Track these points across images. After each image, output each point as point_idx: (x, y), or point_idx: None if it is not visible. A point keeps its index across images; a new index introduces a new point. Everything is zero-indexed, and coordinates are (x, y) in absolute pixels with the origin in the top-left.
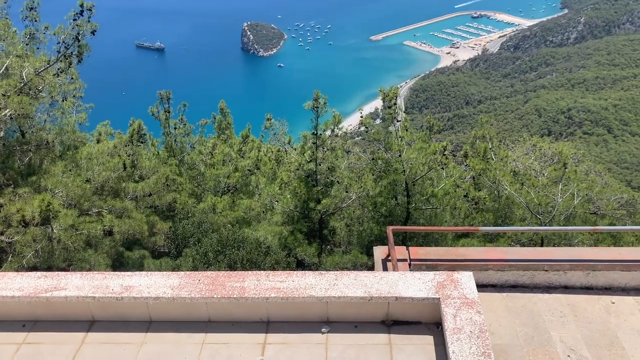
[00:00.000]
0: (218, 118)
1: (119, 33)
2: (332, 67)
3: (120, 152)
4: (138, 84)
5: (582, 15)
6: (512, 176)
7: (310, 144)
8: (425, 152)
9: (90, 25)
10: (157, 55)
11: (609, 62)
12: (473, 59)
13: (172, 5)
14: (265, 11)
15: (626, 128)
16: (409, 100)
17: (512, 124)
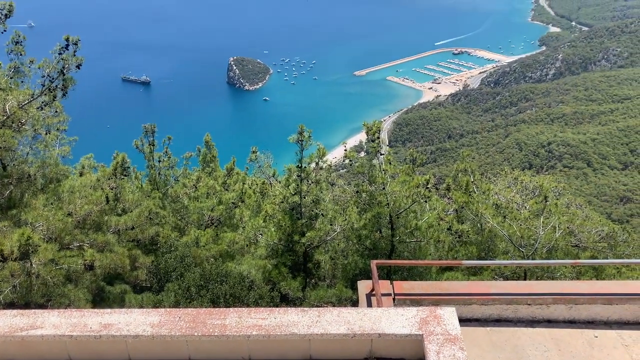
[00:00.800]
0: (203, 151)
1: (105, 66)
2: (317, 101)
3: (103, 185)
4: (123, 117)
5: (560, 52)
6: (495, 209)
7: (294, 177)
8: (408, 185)
9: (75, 59)
10: (143, 89)
11: (586, 97)
12: (454, 94)
13: (159, 40)
14: (251, 47)
15: (605, 162)
16: (393, 133)
17: (493, 158)
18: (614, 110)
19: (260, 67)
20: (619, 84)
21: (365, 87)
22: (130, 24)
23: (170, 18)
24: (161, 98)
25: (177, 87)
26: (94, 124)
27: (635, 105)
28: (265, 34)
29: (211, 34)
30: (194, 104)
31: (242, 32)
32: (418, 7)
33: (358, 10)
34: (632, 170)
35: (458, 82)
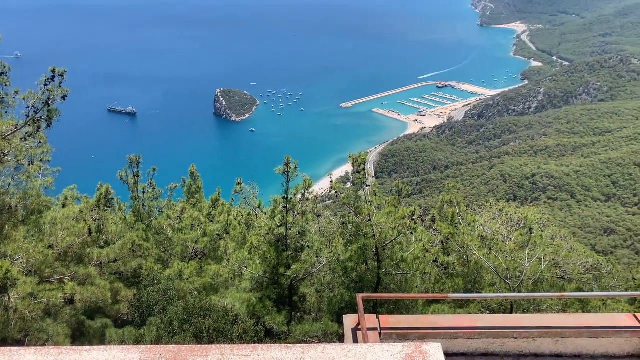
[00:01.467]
0: (188, 182)
1: (92, 97)
2: (303, 133)
3: (86, 216)
4: (108, 148)
5: (542, 86)
6: (480, 241)
7: (280, 208)
8: (394, 216)
9: (61, 90)
10: (129, 120)
11: (569, 130)
12: (439, 126)
13: (146, 71)
14: (238, 78)
15: (588, 194)
16: (379, 165)
17: (478, 189)
18: (596, 143)
19: (247, 99)
20: (600, 117)
21: (351, 118)
22: (118, 55)
23: (157, 50)
24: (147, 129)
25: (163, 118)
26: (79, 154)
27: (616, 138)
28: (253, 66)
29: (198, 65)
30: (180, 134)
31: (229, 64)
32: (403, 41)
33: (344, 44)
34: (615, 202)
35: (442, 115)
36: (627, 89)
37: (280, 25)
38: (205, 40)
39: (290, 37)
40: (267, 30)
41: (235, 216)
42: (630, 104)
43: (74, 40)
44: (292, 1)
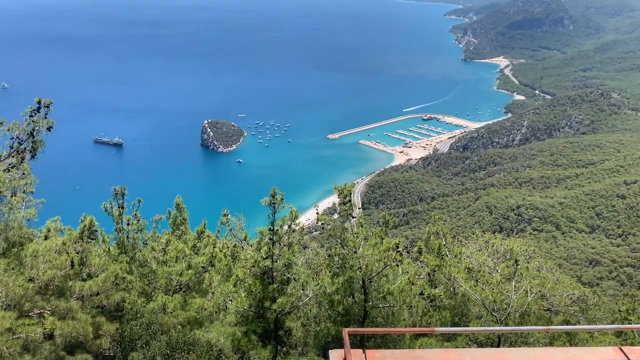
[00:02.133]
0: (173, 213)
1: (78, 128)
2: (290, 164)
3: (69, 249)
4: (93, 179)
5: (525, 119)
6: (467, 273)
7: (266, 240)
8: (380, 248)
9: (46, 121)
10: (115, 151)
11: (552, 162)
12: (425, 157)
13: (133, 103)
14: (226, 110)
15: (573, 225)
16: (366, 195)
17: (464, 221)
18: (579, 175)
19: (234, 130)
20: (583, 150)
21: (338, 150)
22: (106, 86)
23: (145, 81)
24: (133, 160)
25: (150, 149)
26: (64, 185)
27: (599, 170)
28: (241, 97)
29: (186, 97)
30: (167, 166)
31: (217, 95)
32: (389, 75)
33: (331, 77)
34: (599, 234)
35: (428, 147)
36: (608, 122)
37: (269, 58)
38: (193, 72)
39: (278, 70)
40: (256, 63)
41: (221, 248)
42: (612, 137)
43: (62, 71)
44: (279, 35)
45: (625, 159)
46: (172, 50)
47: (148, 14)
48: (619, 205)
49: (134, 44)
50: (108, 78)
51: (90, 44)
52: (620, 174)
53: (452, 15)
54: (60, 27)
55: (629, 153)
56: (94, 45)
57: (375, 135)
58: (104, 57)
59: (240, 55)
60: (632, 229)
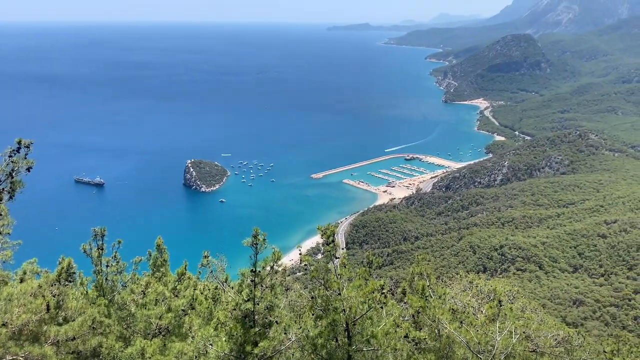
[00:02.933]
0: (154, 255)
1: (59, 168)
2: (273, 203)
3: (45, 292)
4: (73, 219)
5: (506, 159)
6: (451, 314)
7: (248, 282)
8: (364, 290)
9: (26, 162)
10: (96, 191)
11: (533, 202)
12: (408, 197)
13: (116, 143)
14: (209, 150)
15: (556, 265)
16: (350, 235)
17: (448, 260)
18: (560, 215)
19: (217, 170)
20: (563, 190)
21: (322, 189)
22: (88, 126)
23: (129, 121)
24: (115, 200)
25: (131, 189)
26: (42, 226)
27: (579, 210)
28: (225, 137)
29: (170, 137)
30: (148, 206)
31: (201, 135)
32: (371, 116)
33: (315, 117)
34: (582, 273)
35: (411, 186)
36: (587, 162)
37: (253, 98)
38: (177, 112)
39: (262, 110)
40: (240, 103)
41: (202, 290)
42: (591, 177)
43: (45, 111)
44: (264, 76)
45: (605, 198)
46: (156, 90)
47: (133, 55)
48: (601, 245)
49: (118, 84)
50: (91, 118)
51: (74, 84)
52: (600, 214)
53: (433, 59)
54: (45, 68)
55: (608, 193)
56: (78, 86)
57: (359, 174)
58: (88, 98)
59: (225, 96)
60: (614, 268)
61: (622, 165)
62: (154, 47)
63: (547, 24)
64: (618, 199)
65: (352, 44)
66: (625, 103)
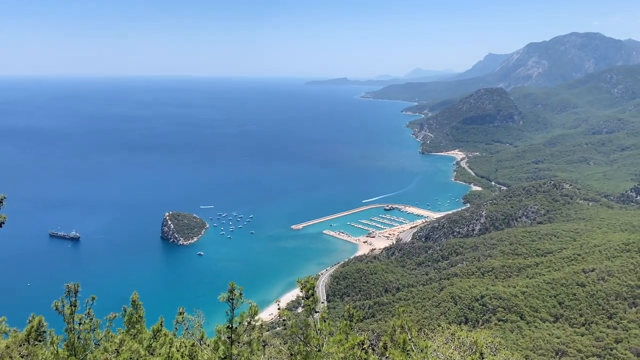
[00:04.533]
0: (129, 311)
1: (33, 222)
2: (253, 256)
3: (13, 353)
4: (47, 275)
5: (483, 209)
6: None
7: (224, 339)
8: (345, 345)
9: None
10: (72, 245)
11: (512, 251)
12: (389, 247)
13: (92, 196)
14: (188, 202)
15: (537, 314)
16: (330, 287)
17: (430, 312)
18: (539, 264)
19: (196, 222)
20: (541, 239)
21: (302, 241)
22: (65, 180)
23: (106, 174)
24: (90, 254)
25: (108, 243)
26: (13, 283)
27: (557, 258)
28: (204, 189)
29: (148, 189)
30: (125, 260)
31: (180, 188)
32: (350, 167)
33: (294, 169)
34: (563, 323)
35: (391, 236)
36: (562, 211)
37: (232, 150)
38: (156, 165)
39: (242, 162)
40: (220, 156)
41: (178, 348)
42: (567, 226)
43: (18, 165)
44: (244, 129)
45: (582, 247)
46: (135, 143)
47: (112, 108)
48: (580, 294)
49: (97, 137)
50: (68, 171)
51: (51, 138)
52: (578, 262)
53: (409, 112)
54: (21, 121)
55: (584, 241)
56: (55, 139)
57: (339, 225)
58: (65, 151)
59: (205, 148)
60: (594, 317)
61: (597, 214)
62: (134, 101)
63: (518, 78)
64: (594, 248)
65: (330, 97)
66: (597, 153)
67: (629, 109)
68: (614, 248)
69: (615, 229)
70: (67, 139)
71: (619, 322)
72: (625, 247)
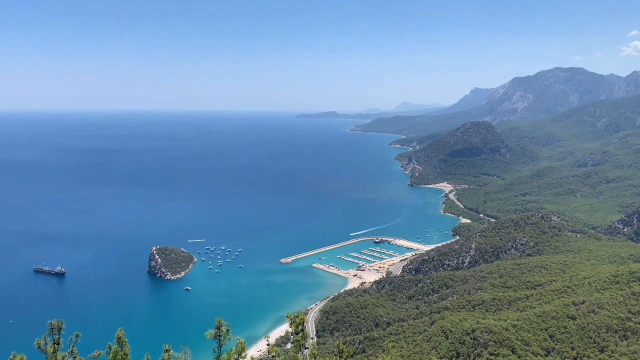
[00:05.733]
0: (114, 348)
1: (17, 257)
2: (241, 290)
3: None
4: (30, 311)
5: (473, 241)
6: None
7: None
8: None
9: None
10: (56, 280)
11: (502, 284)
12: (379, 281)
13: (78, 230)
14: (176, 235)
15: (528, 348)
16: (320, 322)
17: (421, 346)
18: (529, 297)
19: (183, 256)
20: (530, 272)
21: (292, 275)
22: (52, 214)
23: (93, 208)
24: (76, 290)
25: (94, 278)
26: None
27: (547, 291)
28: (192, 223)
29: (136, 223)
30: (111, 295)
31: (168, 221)
32: (340, 199)
33: (283, 202)
34: (555, 356)
35: (381, 270)
36: (551, 243)
37: (221, 184)
38: (144, 199)
39: (231, 195)
40: (209, 189)
41: None
42: (556, 258)
43: (3, 199)
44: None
45: (571, 279)
46: (123, 177)
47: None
48: (571, 327)
49: (84, 171)
50: (54, 205)
51: (38, 172)
52: (568, 295)
53: (397, 144)
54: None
55: (574, 274)
56: (41, 173)
57: (328, 258)
58: (52, 185)
59: (193, 182)
60: (586, 350)
61: (585, 246)
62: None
63: (503, 111)
64: (584, 280)
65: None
66: (583, 186)
67: (613, 141)
68: (603, 280)
69: (603, 260)
70: (53, 173)
71: (610, 356)
72: (614, 279)
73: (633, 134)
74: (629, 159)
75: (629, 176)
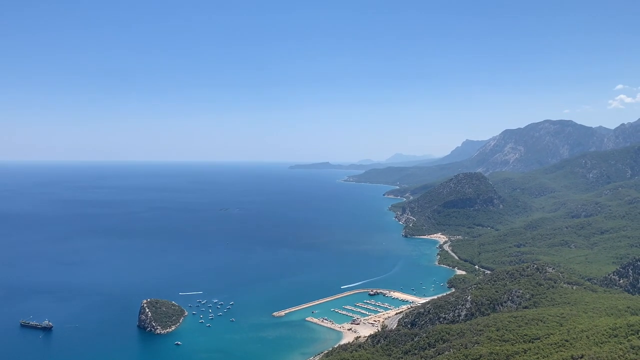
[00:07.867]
0: None
1: (2, 311)
2: (233, 345)
3: None
4: None
5: (468, 294)
6: None
7: None
8: None
9: None
10: (43, 335)
11: (499, 337)
12: (374, 335)
13: (67, 283)
14: (167, 288)
15: None
16: None
17: None
18: (527, 350)
19: (174, 309)
20: (527, 324)
21: (285, 329)
22: (37, 266)
23: (82, 260)
24: (63, 345)
25: (82, 332)
26: None
27: (545, 345)
28: (184, 275)
29: (126, 276)
30: (99, 350)
31: (159, 273)
32: (333, 251)
33: (276, 253)
34: None
35: (376, 323)
36: (547, 295)
37: (214, 235)
38: (135, 251)
39: (223, 247)
40: (201, 241)
41: None
42: (553, 311)
43: None
44: (225, 213)
45: (569, 332)
46: (113, 228)
47: (91, 193)
48: None
49: (73, 223)
50: (41, 257)
51: (25, 223)
52: (566, 349)
53: (391, 195)
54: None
55: (571, 327)
56: (29, 224)
57: (322, 311)
58: (39, 236)
59: (185, 233)
60: None
61: (582, 298)
62: (113, 186)
63: (495, 163)
64: (582, 333)
65: (313, 181)
66: (577, 237)
67: (604, 193)
68: (601, 333)
69: (601, 313)
70: (41, 225)
71: None
72: (612, 332)
73: (624, 185)
74: (622, 210)
75: (622, 227)
